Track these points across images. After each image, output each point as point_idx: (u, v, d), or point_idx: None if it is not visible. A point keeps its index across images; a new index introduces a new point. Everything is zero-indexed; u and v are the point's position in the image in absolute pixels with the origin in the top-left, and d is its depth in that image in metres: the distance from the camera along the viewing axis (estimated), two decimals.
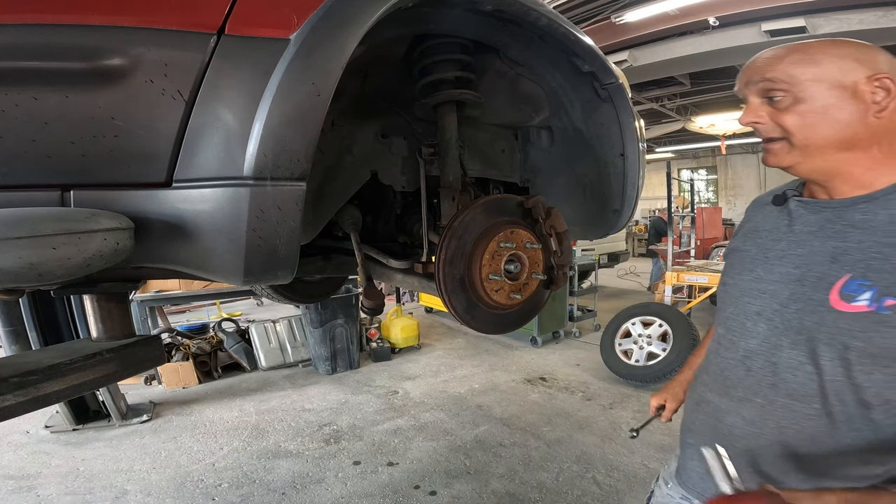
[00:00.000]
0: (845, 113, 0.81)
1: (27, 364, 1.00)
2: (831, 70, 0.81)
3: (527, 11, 1.08)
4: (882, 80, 0.79)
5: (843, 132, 0.82)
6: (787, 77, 0.84)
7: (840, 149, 0.83)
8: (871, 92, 0.79)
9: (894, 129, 0.81)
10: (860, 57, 0.81)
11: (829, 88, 0.81)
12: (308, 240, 1.23)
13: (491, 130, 1.55)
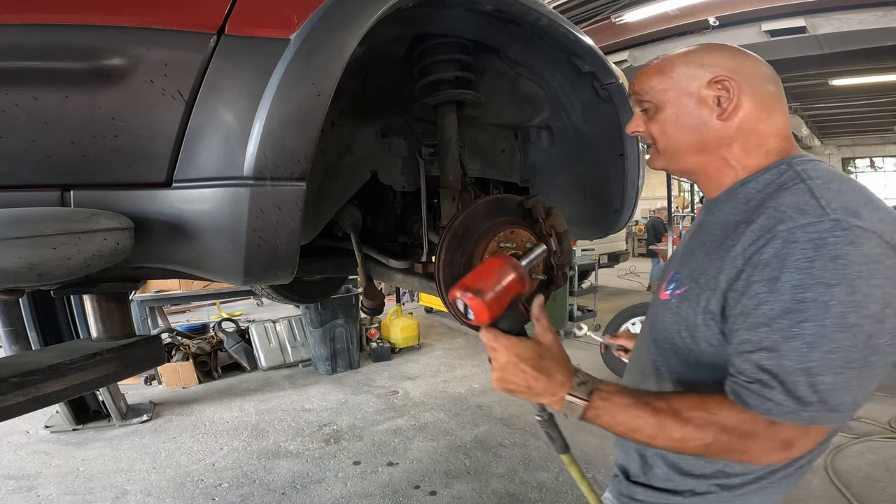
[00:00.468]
0: (692, 118, 0.83)
1: (27, 364, 1.00)
2: (680, 78, 0.83)
3: (527, 11, 1.08)
4: (722, 83, 0.80)
5: (693, 137, 0.83)
6: (648, 89, 0.87)
7: (694, 153, 0.85)
8: (715, 95, 0.80)
9: (745, 128, 0.81)
10: (705, 61, 0.82)
11: (679, 96, 0.83)
12: (308, 240, 1.23)
13: (491, 130, 1.55)
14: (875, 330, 0.62)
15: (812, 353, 0.63)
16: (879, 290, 0.62)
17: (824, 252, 0.62)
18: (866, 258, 0.62)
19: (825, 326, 0.62)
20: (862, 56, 7.01)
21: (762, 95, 0.81)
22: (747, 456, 0.70)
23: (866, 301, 0.62)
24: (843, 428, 3.27)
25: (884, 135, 14.06)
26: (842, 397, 0.64)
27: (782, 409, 0.65)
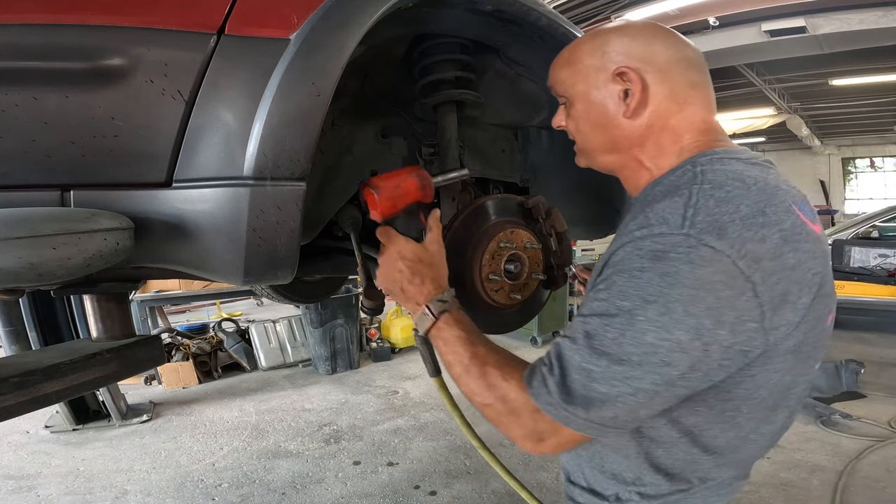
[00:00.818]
0: (600, 116, 0.75)
1: (27, 364, 1.00)
2: (587, 70, 0.75)
3: (527, 11, 1.08)
4: (625, 75, 0.71)
5: (603, 136, 0.77)
6: (559, 81, 0.80)
7: (607, 152, 0.78)
8: (621, 89, 0.72)
9: (656, 125, 0.73)
10: (608, 48, 0.73)
11: (587, 90, 0.76)
12: (308, 240, 1.23)
13: (491, 130, 1.55)
14: (673, 359, 0.57)
15: (600, 359, 0.60)
16: (695, 319, 0.56)
17: (658, 266, 0.58)
18: (697, 283, 0.57)
19: (623, 338, 0.59)
20: (862, 56, 7.02)
21: (673, 85, 0.72)
22: (508, 432, 0.70)
23: (674, 327, 0.57)
24: (844, 429, 3.28)
25: (884, 135, 14.06)
26: (604, 411, 0.61)
27: (548, 399, 0.64)
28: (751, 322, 0.58)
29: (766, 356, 0.62)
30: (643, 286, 0.59)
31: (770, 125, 11.59)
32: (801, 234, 0.61)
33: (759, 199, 0.61)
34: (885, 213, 6.26)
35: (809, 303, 0.62)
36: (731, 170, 0.65)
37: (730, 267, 0.57)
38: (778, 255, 0.59)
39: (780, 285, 0.59)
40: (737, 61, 7.49)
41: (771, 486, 2.70)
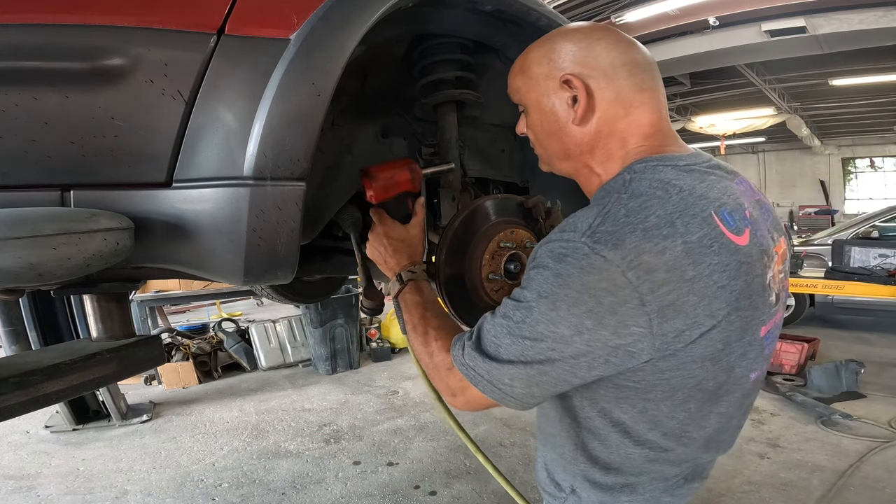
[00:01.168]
0: (552, 124, 0.77)
1: (27, 364, 1.00)
2: (537, 78, 0.77)
3: (527, 11, 1.08)
4: (571, 82, 0.72)
5: (557, 143, 0.79)
6: (514, 90, 0.82)
7: (562, 159, 0.81)
8: (569, 96, 0.74)
9: (603, 130, 0.74)
10: (553, 56, 0.75)
11: (538, 98, 0.77)
12: (308, 240, 1.23)
13: (491, 130, 1.55)
14: (557, 348, 0.64)
15: (506, 336, 0.68)
16: (576, 318, 0.62)
17: (557, 266, 0.64)
18: (582, 287, 0.61)
19: (523, 323, 0.66)
20: (862, 56, 7.02)
21: (619, 89, 0.72)
22: (435, 385, 0.82)
23: (560, 322, 0.63)
24: (844, 429, 3.28)
25: (884, 135, 14.07)
26: (502, 376, 0.69)
27: (460, 360, 0.73)
28: (636, 327, 0.62)
29: (674, 360, 0.65)
30: (541, 282, 0.65)
31: (770, 125, 11.60)
32: (711, 247, 0.62)
33: (674, 209, 0.63)
34: (885, 213, 6.27)
35: (724, 314, 0.64)
36: (658, 178, 0.67)
37: (618, 277, 0.60)
38: (675, 267, 0.60)
39: (671, 296, 0.61)
40: (737, 61, 7.49)
41: (771, 486, 2.70)
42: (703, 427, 0.74)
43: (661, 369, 0.66)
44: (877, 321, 5.82)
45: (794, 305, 5.87)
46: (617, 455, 0.76)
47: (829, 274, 4.88)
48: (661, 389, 0.68)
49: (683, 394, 0.69)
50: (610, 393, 0.71)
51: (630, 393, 0.70)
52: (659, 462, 0.76)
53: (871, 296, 4.73)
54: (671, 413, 0.71)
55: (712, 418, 0.74)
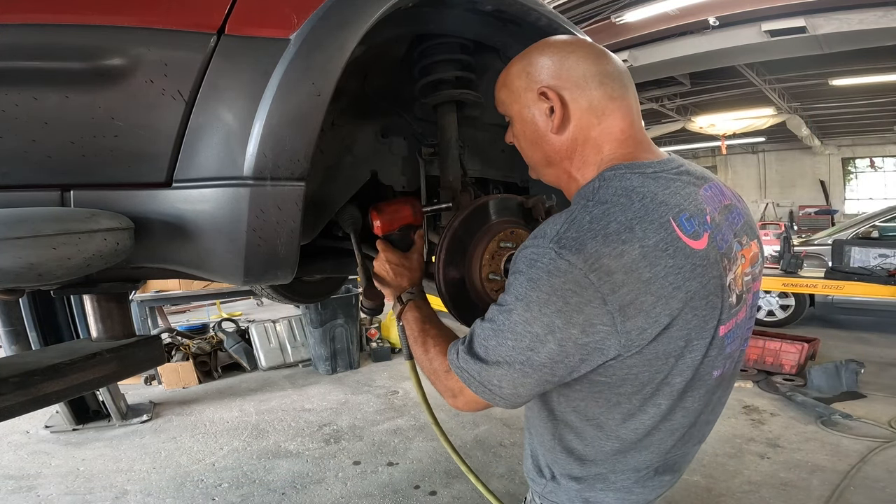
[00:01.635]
0: (533, 133, 0.83)
1: (27, 364, 1.00)
2: (518, 91, 0.82)
3: (527, 11, 1.08)
4: (546, 94, 0.77)
5: (538, 152, 0.84)
6: (499, 102, 0.88)
7: (545, 166, 0.86)
8: (547, 107, 0.78)
9: (579, 138, 0.79)
10: (530, 69, 0.80)
11: (520, 110, 0.83)
12: (308, 240, 1.23)
13: (491, 130, 1.55)
14: (535, 347, 0.69)
15: (493, 338, 0.73)
16: (548, 318, 0.67)
17: (530, 271, 0.69)
18: (551, 289, 0.67)
19: (504, 325, 0.72)
20: (862, 56, 7.02)
21: (590, 99, 0.77)
22: (436, 389, 0.87)
23: (533, 321, 0.69)
24: (844, 429, 3.28)
25: (884, 135, 14.07)
26: (491, 378, 0.74)
27: (455, 363, 0.79)
28: (601, 325, 0.67)
29: (640, 357, 0.70)
30: (518, 286, 0.71)
31: (770, 125, 11.60)
32: (665, 251, 0.67)
33: (634, 215, 0.68)
34: (885, 213, 6.27)
35: (680, 312, 0.69)
36: (624, 186, 0.72)
37: (581, 278, 0.65)
38: (632, 269, 0.66)
39: (629, 295, 0.66)
40: (737, 61, 7.49)
41: (771, 486, 2.70)
42: (671, 420, 0.80)
43: (629, 365, 0.72)
44: (877, 321, 5.82)
45: (794, 305, 5.87)
46: (591, 448, 0.82)
47: (829, 274, 4.88)
48: (631, 384, 0.74)
49: (651, 388, 0.75)
50: (585, 389, 0.77)
51: (603, 388, 0.76)
52: (630, 454, 0.82)
53: (871, 296, 4.73)
54: (642, 407, 0.77)
55: (678, 413, 0.79)
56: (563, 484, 0.87)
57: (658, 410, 0.77)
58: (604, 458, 0.83)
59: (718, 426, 0.96)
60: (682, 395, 0.77)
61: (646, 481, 0.85)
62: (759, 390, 4.11)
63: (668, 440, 0.82)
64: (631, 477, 0.84)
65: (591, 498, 0.86)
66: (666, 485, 0.88)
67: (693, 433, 0.86)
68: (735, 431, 3.36)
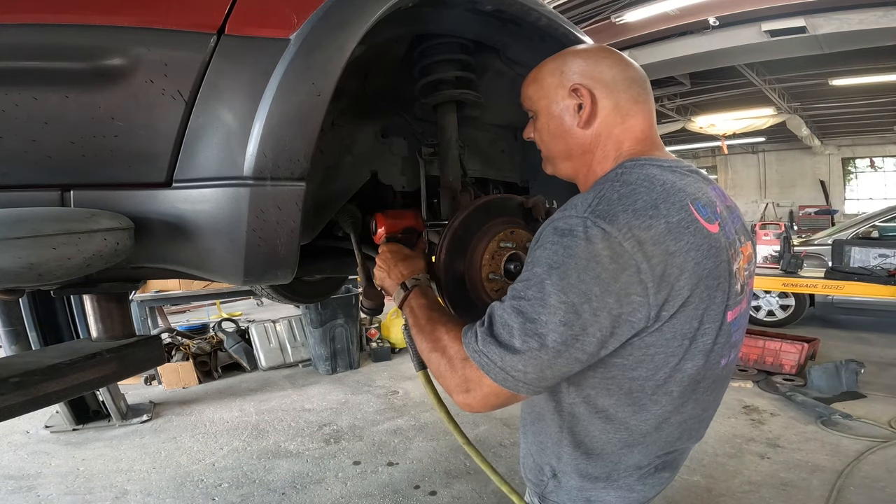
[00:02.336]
0: (559, 127, 0.88)
1: (27, 364, 1.00)
2: (548, 88, 0.88)
3: (527, 11, 1.08)
4: (578, 90, 0.83)
5: (561, 145, 0.89)
6: (527, 98, 0.93)
7: (565, 159, 0.91)
8: (576, 103, 0.84)
9: (602, 133, 0.85)
10: (564, 68, 0.86)
11: (548, 105, 0.88)
12: (308, 240, 1.23)
13: (491, 130, 1.55)
14: (569, 320, 0.68)
15: (518, 317, 0.71)
16: (584, 285, 0.67)
17: (563, 240, 0.70)
18: (589, 255, 0.68)
19: (535, 300, 0.70)
20: (862, 56, 7.01)
21: (617, 100, 0.84)
22: (445, 384, 0.81)
23: (570, 290, 0.68)
24: (844, 429, 3.28)
25: (884, 135, 14.06)
26: (515, 363, 0.70)
27: (473, 347, 0.74)
28: (635, 295, 0.68)
29: (659, 335, 0.72)
30: (551, 255, 0.71)
31: (770, 125, 11.59)
32: (687, 228, 0.72)
33: (657, 196, 0.72)
34: (885, 213, 6.26)
35: (695, 287, 0.72)
36: (645, 173, 0.77)
37: (616, 246, 0.68)
38: (660, 241, 0.69)
39: (659, 266, 0.69)
40: (737, 61, 7.48)
41: (771, 486, 2.70)
42: (681, 412, 0.81)
43: (647, 344, 0.73)
44: (877, 321, 5.82)
45: (794, 305, 5.87)
46: (599, 441, 0.83)
47: (829, 274, 4.87)
48: (646, 367, 0.75)
49: (664, 374, 0.76)
50: (598, 375, 0.78)
51: (618, 373, 0.77)
52: (637, 449, 0.83)
53: (871, 296, 4.73)
54: (654, 396, 0.78)
55: (689, 405, 0.82)
56: (564, 483, 0.88)
57: (669, 399, 0.79)
58: (611, 452, 0.83)
59: (718, 426, 0.97)
60: (693, 383, 0.79)
61: (646, 478, 0.86)
62: (759, 390, 4.11)
63: (674, 433, 0.84)
64: (633, 474, 0.85)
65: (592, 497, 0.86)
66: (664, 482, 0.90)
67: (697, 428, 0.89)
68: (735, 431, 3.36)
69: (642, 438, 0.82)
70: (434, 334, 0.86)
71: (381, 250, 1.11)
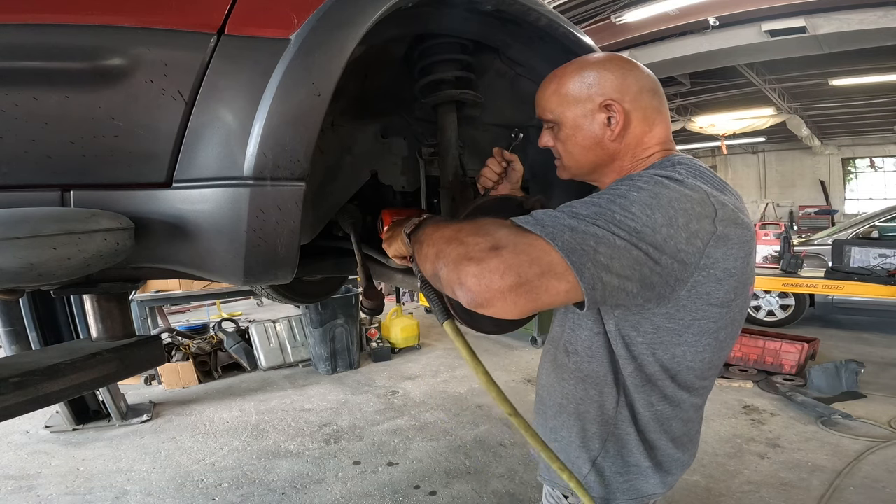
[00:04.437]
0: (588, 139, 0.90)
1: (27, 364, 0.99)
2: (572, 99, 0.90)
3: (527, 11, 1.08)
4: (611, 107, 0.87)
5: (590, 156, 0.92)
6: (548, 109, 0.94)
7: (593, 167, 0.94)
8: (606, 117, 0.87)
9: (632, 143, 0.89)
10: (592, 81, 0.88)
11: (575, 118, 0.90)
12: (308, 240, 1.23)
13: (491, 130, 1.55)
14: (644, 232, 0.68)
15: (588, 207, 0.72)
16: (674, 211, 0.70)
17: (653, 178, 0.74)
18: (680, 193, 0.72)
19: (612, 201, 0.71)
20: (862, 56, 7.01)
21: (645, 111, 0.88)
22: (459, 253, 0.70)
23: (657, 208, 0.69)
24: (844, 429, 3.28)
25: (884, 135, 14.05)
26: (588, 239, 0.67)
27: (522, 218, 0.72)
28: (699, 242, 0.72)
29: (702, 289, 0.76)
30: (640, 183, 0.73)
31: (770, 125, 11.59)
32: (743, 212, 0.81)
33: (717, 181, 0.81)
34: (885, 213, 6.26)
35: (742, 264, 0.78)
36: (696, 161, 0.84)
37: (704, 197, 0.74)
38: (732, 210, 0.77)
39: (727, 229, 0.75)
40: (737, 61, 7.48)
41: (771, 486, 2.70)
42: (707, 378, 0.91)
43: (690, 309, 0.78)
44: (877, 321, 5.82)
45: (794, 305, 5.87)
46: (647, 412, 0.89)
47: (829, 274, 4.87)
48: (692, 332, 0.81)
49: (707, 340, 0.83)
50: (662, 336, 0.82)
51: (667, 337, 0.82)
52: (674, 420, 0.91)
53: (871, 296, 4.72)
54: (696, 355, 0.85)
55: (710, 380, 0.92)
56: (608, 466, 0.92)
57: (706, 362, 0.86)
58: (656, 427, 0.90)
59: (718, 426, 1.00)
60: (718, 363, 0.89)
61: (672, 467, 0.94)
62: (759, 390, 4.11)
63: (701, 398, 0.94)
64: (665, 466, 0.93)
65: (630, 485, 0.92)
66: (684, 465, 0.97)
67: (700, 417, 0.99)
68: (735, 431, 3.36)
69: (678, 406, 0.90)
70: (459, 230, 0.75)
71: (388, 229, 1.09)
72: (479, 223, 0.74)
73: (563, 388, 0.97)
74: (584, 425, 0.93)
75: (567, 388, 0.96)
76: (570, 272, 0.65)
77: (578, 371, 0.93)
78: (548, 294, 0.66)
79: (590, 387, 0.92)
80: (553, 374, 1.02)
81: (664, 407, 0.89)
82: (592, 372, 0.91)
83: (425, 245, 0.81)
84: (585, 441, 0.94)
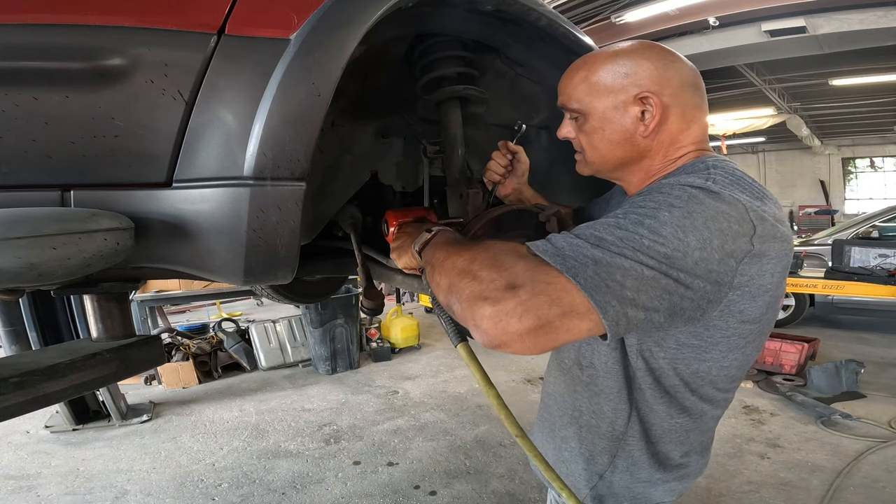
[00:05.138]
0: (618, 134, 0.82)
1: (27, 364, 1.00)
2: (603, 89, 0.82)
3: (527, 11, 1.08)
4: (647, 100, 0.79)
5: (618, 151, 0.84)
6: (575, 98, 0.86)
7: (620, 164, 0.86)
8: (640, 110, 0.80)
9: (666, 140, 0.82)
10: (629, 70, 0.80)
11: (605, 110, 0.82)
12: (308, 240, 1.23)
13: (491, 130, 1.55)
14: (674, 256, 0.63)
15: (613, 231, 0.65)
16: (708, 232, 0.64)
17: (686, 192, 0.68)
18: (716, 210, 0.65)
19: (639, 223, 0.65)
20: (862, 56, 7.01)
21: (683, 107, 0.81)
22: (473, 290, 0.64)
23: (690, 230, 0.64)
24: (844, 429, 3.28)
25: (884, 135, 14.05)
26: (614, 272, 0.62)
27: (539, 245, 0.66)
28: (733, 261, 0.66)
29: (735, 308, 0.71)
30: (670, 199, 0.67)
31: (770, 125, 11.58)
32: (784, 224, 0.73)
33: (757, 189, 0.73)
34: (885, 213, 6.26)
35: (778, 280, 0.73)
36: (731, 165, 0.77)
37: (743, 212, 0.67)
38: (772, 224, 0.70)
39: (764, 245, 0.68)
40: (737, 61, 7.48)
41: (771, 486, 2.70)
42: (729, 390, 0.88)
43: (721, 328, 0.74)
44: (877, 321, 5.82)
45: (794, 305, 5.87)
46: (664, 424, 0.86)
47: (829, 274, 4.88)
48: (719, 349, 0.77)
49: (734, 355, 0.79)
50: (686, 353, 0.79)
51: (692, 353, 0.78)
52: (692, 432, 0.88)
53: (871, 296, 4.73)
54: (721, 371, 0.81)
55: (735, 384, 0.87)
56: (616, 480, 0.91)
57: (727, 389, 0.85)
58: (670, 439, 0.87)
59: (718, 426, 0.98)
60: (741, 374, 0.85)
61: (682, 477, 0.92)
62: (759, 390, 4.10)
63: (720, 410, 0.90)
64: (678, 479, 0.91)
65: (639, 495, 0.90)
66: (696, 474, 0.95)
67: (716, 425, 0.96)
68: (735, 431, 3.36)
69: (698, 419, 0.87)
70: (472, 254, 0.71)
71: (395, 232, 1.08)
72: (494, 252, 0.69)
73: (575, 400, 0.94)
74: (593, 439, 0.91)
75: (579, 400, 0.94)
76: (594, 311, 0.61)
77: (592, 385, 0.90)
78: (569, 333, 0.62)
79: (603, 401, 0.89)
80: (563, 384, 0.99)
81: (684, 419, 0.86)
82: (606, 387, 0.88)
83: (437, 273, 0.76)
84: (594, 455, 0.92)
